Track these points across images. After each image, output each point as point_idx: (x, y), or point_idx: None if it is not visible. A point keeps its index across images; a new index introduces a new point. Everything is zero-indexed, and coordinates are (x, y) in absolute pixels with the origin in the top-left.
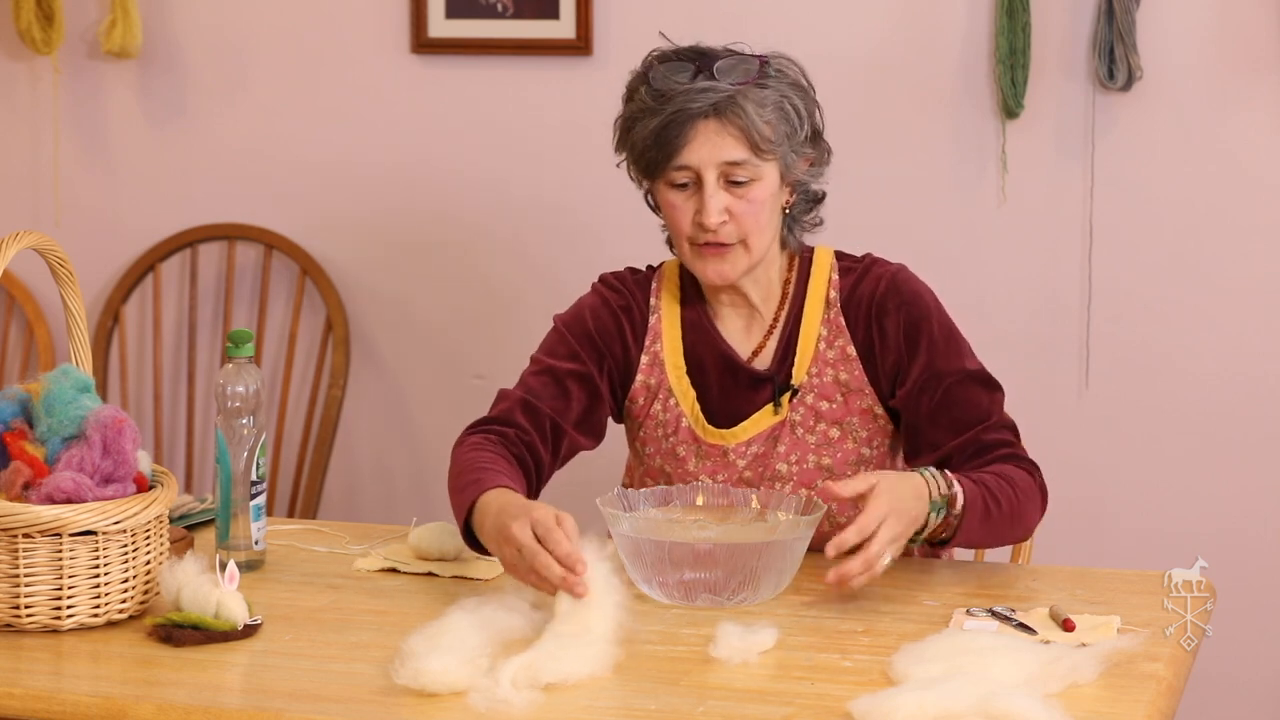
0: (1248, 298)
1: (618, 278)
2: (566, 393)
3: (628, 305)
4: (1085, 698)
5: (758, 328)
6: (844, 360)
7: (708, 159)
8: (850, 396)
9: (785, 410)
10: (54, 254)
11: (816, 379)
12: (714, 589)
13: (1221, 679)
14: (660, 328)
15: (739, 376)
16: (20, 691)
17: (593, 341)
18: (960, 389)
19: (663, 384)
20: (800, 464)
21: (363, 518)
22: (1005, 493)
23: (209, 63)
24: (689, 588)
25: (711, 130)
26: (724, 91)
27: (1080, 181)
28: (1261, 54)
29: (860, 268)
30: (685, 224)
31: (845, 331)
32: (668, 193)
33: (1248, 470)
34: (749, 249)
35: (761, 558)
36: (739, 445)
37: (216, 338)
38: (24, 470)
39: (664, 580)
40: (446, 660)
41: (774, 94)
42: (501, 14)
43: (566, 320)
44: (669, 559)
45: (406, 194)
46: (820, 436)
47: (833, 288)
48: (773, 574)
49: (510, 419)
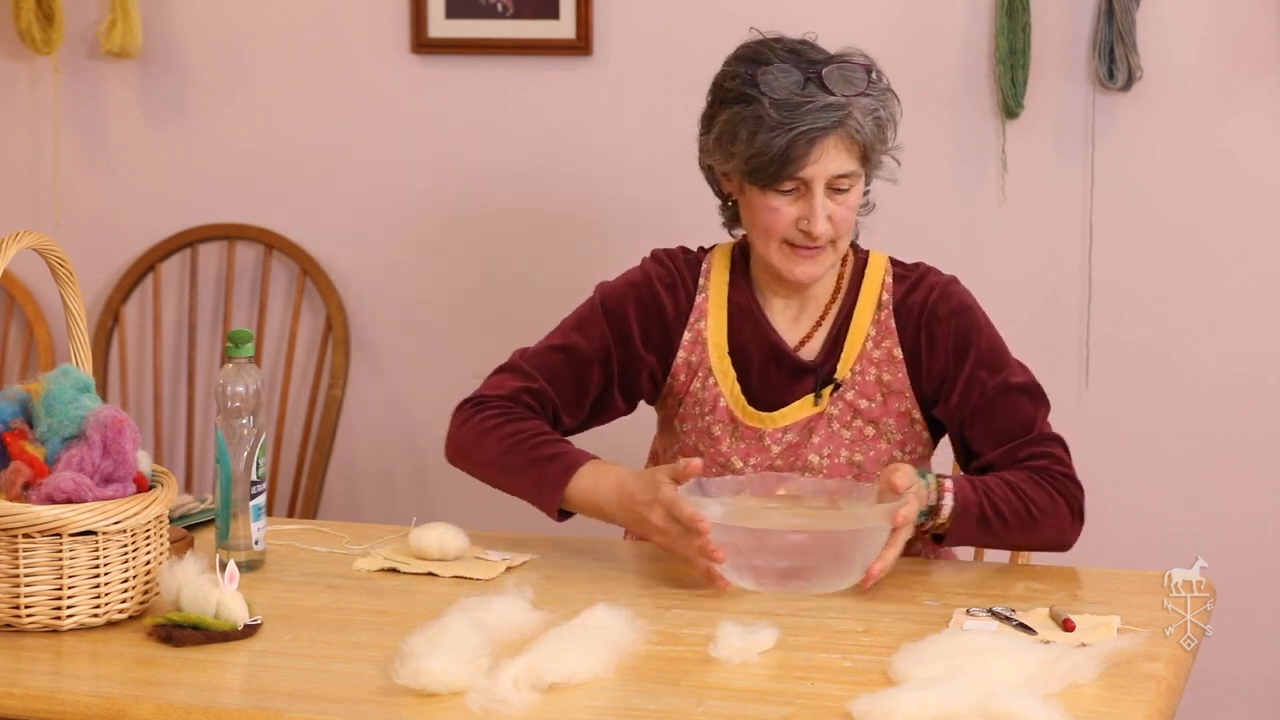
0: (1248, 298)
1: (669, 254)
2: (583, 378)
3: (674, 282)
4: (1085, 698)
5: (807, 319)
6: (889, 361)
7: (824, 173)
8: (890, 398)
9: (825, 402)
10: (54, 254)
11: (859, 376)
12: (806, 576)
13: (1221, 679)
14: (706, 308)
15: (783, 364)
16: (20, 691)
17: (624, 325)
18: (1004, 400)
19: (704, 362)
20: (832, 457)
21: (363, 518)
22: (1012, 504)
23: (209, 63)
24: (782, 575)
25: (832, 146)
26: (844, 107)
27: (1080, 181)
28: (1261, 54)
29: (914, 275)
30: (783, 226)
31: (894, 334)
32: (770, 197)
33: (1248, 470)
34: (837, 249)
35: (853, 545)
36: (775, 430)
37: (216, 338)
38: (24, 470)
39: (756, 567)
40: (446, 660)
41: (874, 102)
42: (501, 14)
43: (606, 296)
44: (763, 547)
45: (406, 194)
46: (855, 433)
47: (885, 290)
48: (860, 561)
49: (519, 399)
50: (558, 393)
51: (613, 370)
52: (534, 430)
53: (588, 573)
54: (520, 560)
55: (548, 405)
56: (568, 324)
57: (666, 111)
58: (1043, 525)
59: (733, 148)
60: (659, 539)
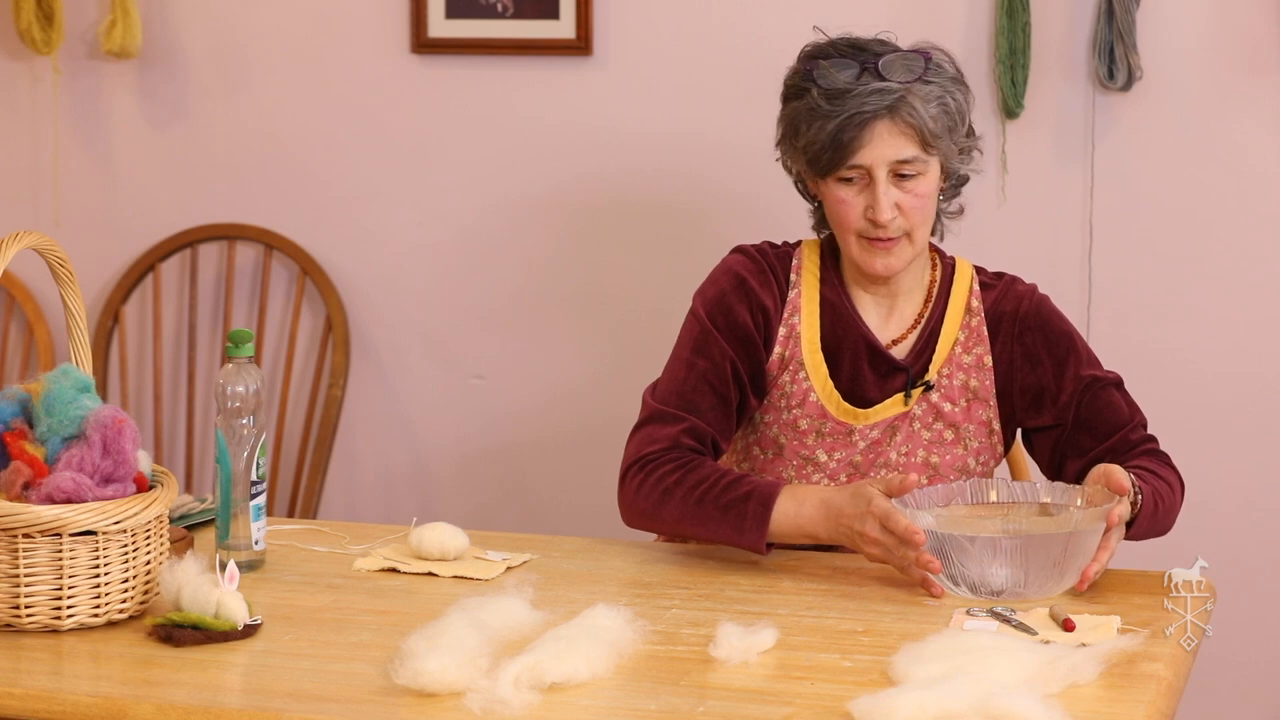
0: (1248, 297)
1: (758, 249)
2: (726, 398)
3: (767, 278)
4: (1085, 698)
5: (898, 319)
6: (978, 368)
7: (880, 158)
8: (974, 404)
9: (913, 403)
10: (54, 254)
11: (947, 379)
12: (1021, 582)
13: (1221, 679)
14: (800, 302)
15: (876, 362)
16: (20, 691)
17: (742, 330)
18: (1105, 396)
19: (795, 357)
20: (910, 456)
21: (363, 518)
22: (1160, 490)
23: (209, 63)
24: (997, 582)
25: (884, 130)
26: (896, 91)
27: (1080, 181)
28: (1261, 54)
29: (1002, 284)
30: (854, 218)
31: (985, 341)
32: (836, 189)
33: (1248, 470)
34: (913, 241)
35: (1067, 549)
36: (864, 427)
37: (216, 338)
38: (24, 470)
39: (970, 575)
40: (445, 660)
41: (937, 89)
42: (501, 14)
43: (709, 307)
44: (978, 555)
45: (406, 194)
46: (935, 435)
47: (975, 297)
48: (1074, 565)
49: (680, 444)
50: (708, 422)
51: (743, 378)
52: (714, 476)
53: (588, 573)
54: (520, 560)
55: (705, 438)
56: (685, 350)
57: (666, 111)
58: (1178, 502)
59: (795, 142)
60: (873, 550)
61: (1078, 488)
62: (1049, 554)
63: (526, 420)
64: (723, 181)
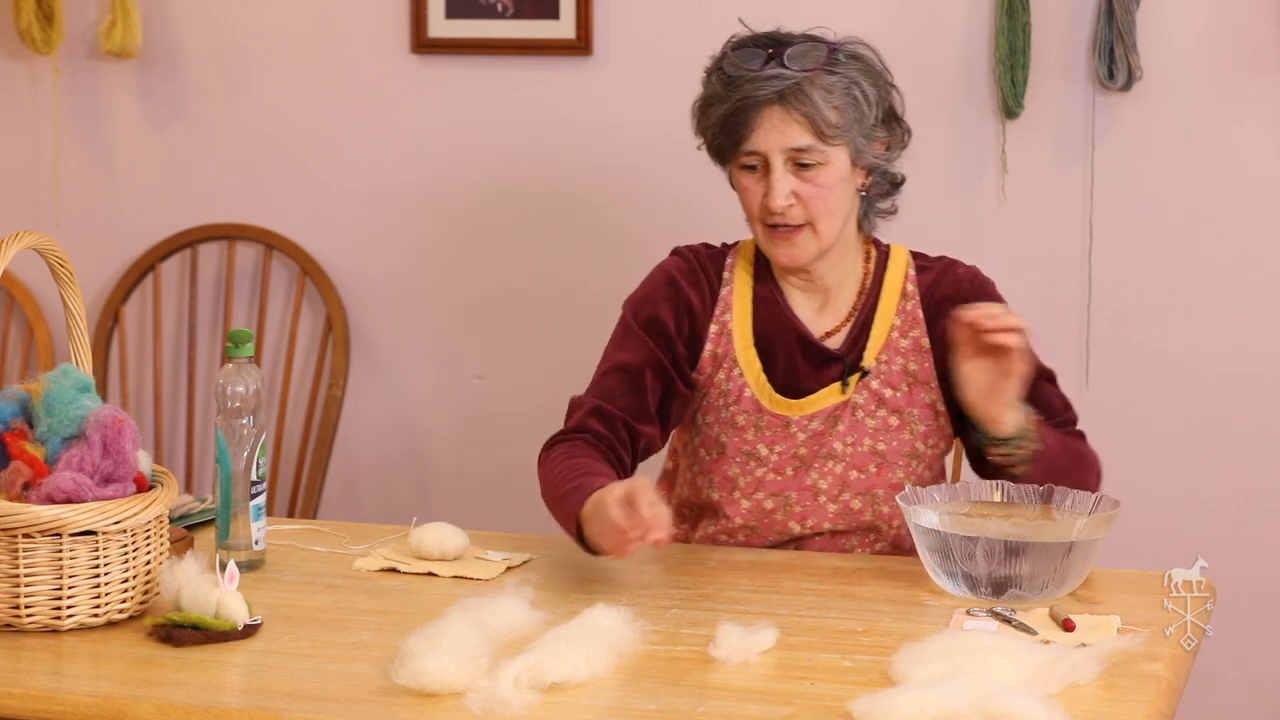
0: (1248, 297)
1: (691, 250)
2: (640, 387)
3: (697, 277)
4: (1085, 698)
5: (831, 312)
6: (916, 351)
7: (773, 145)
8: (916, 388)
9: (851, 390)
10: (54, 254)
11: (885, 365)
12: (1018, 584)
13: (1221, 679)
14: (731, 299)
15: (809, 353)
16: (20, 691)
17: (660, 326)
18: (1039, 386)
19: (729, 354)
20: (856, 446)
21: (363, 518)
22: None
23: (209, 63)
24: (999, 583)
25: (776, 117)
26: (790, 79)
27: (1080, 181)
28: (1261, 54)
29: (939, 265)
30: (755, 205)
31: (922, 324)
32: (740, 175)
33: (1248, 470)
34: (817, 233)
35: (1070, 554)
36: (802, 418)
37: (216, 338)
38: (24, 470)
39: (969, 574)
40: (445, 660)
41: (842, 79)
42: (501, 14)
43: (634, 307)
44: (978, 554)
45: (406, 194)
46: (880, 422)
47: (910, 281)
48: (1076, 569)
49: (586, 426)
50: (619, 406)
51: (669, 373)
52: (576, 467)
53: (588, 573)
54: (520, 560)
55: (614, 420)
56: (609, 348)
57: (666, 111)
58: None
59: (701, 126)
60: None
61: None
62: (1051, 555)
63: (526, 420)
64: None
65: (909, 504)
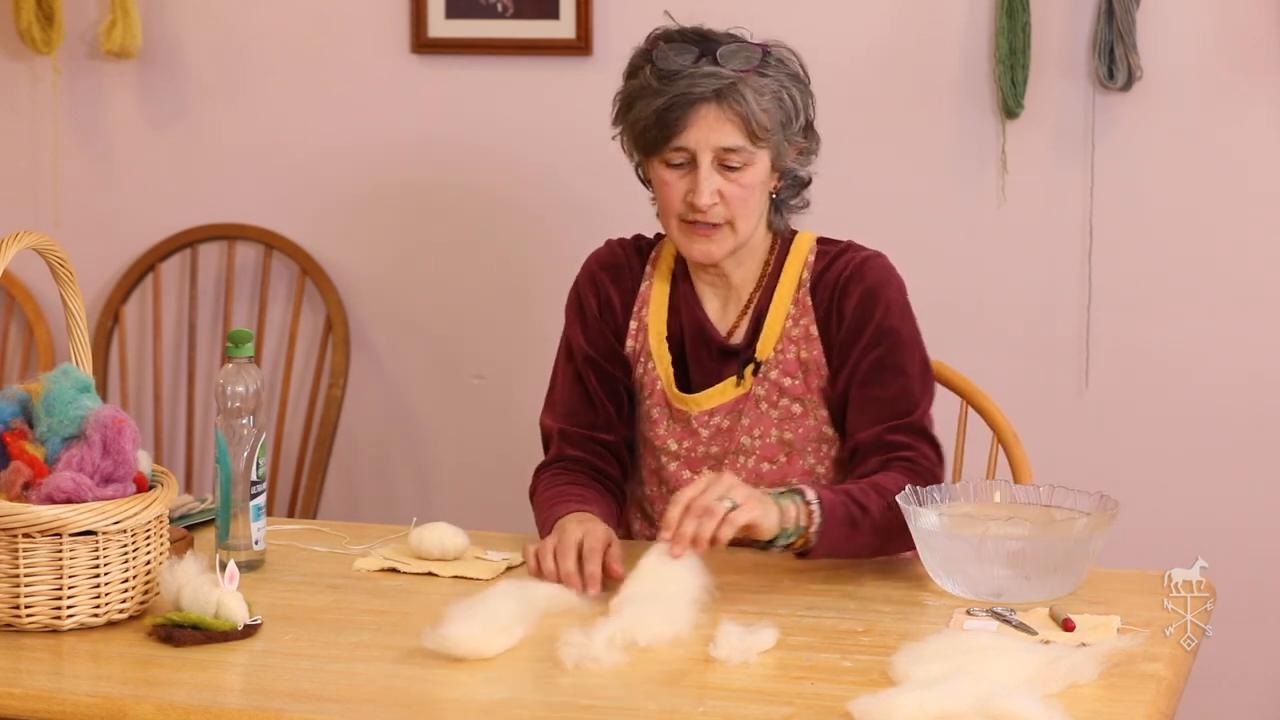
0: (1247, 297)
1: (620, 242)
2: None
3: (620, 272)
4: (1085, 698)
5: (734, 305)
6: (806, 339)
7: (705, 142)
8: (809, 375)
9: (749, 383)
10: (54, 254)
11: (781, 355)
12: (1022, 585)
13: (1221, 679)
14: (649, 294)
15: (711, 348)
16: (20, 691)
17: (590, 320)
18: (888, 383)
19: (645, 347)
20: (763, 438)
21: (363, 518)
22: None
23: (209, 63)
24: (999, 583)
25: (712, 115)
26: (727, 78)
27: (1080, 181)
28: (1261, 54)
29: (835, 250)
30: (676, 201)
31: (810, 311)
32: (662, 170)
33: (1248, 470)
34: (735, 231)
35: (1070, 553)
36: (702, 414)
37: (216, 338)
38: (24, 470)
39: (971, 576)
40: (473, 626)
41: (773, 83)
42: (501, 14)
43: (568, 305)
44: (980, 555)
45: (407, 194)
46: (783, 411)
47: (807, 269)
48: (1076, 569)
49: (563, 455)
50: (581, 424)
51: (601, 366)
52: (553, 496)
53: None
54: (520, 560)
55: (582, 440)
56: (558, 358)
57: None
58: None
59: (626, 118)
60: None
61: (1081, 491)
62: (1051, 555)
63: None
64: None
65: (909, 504)
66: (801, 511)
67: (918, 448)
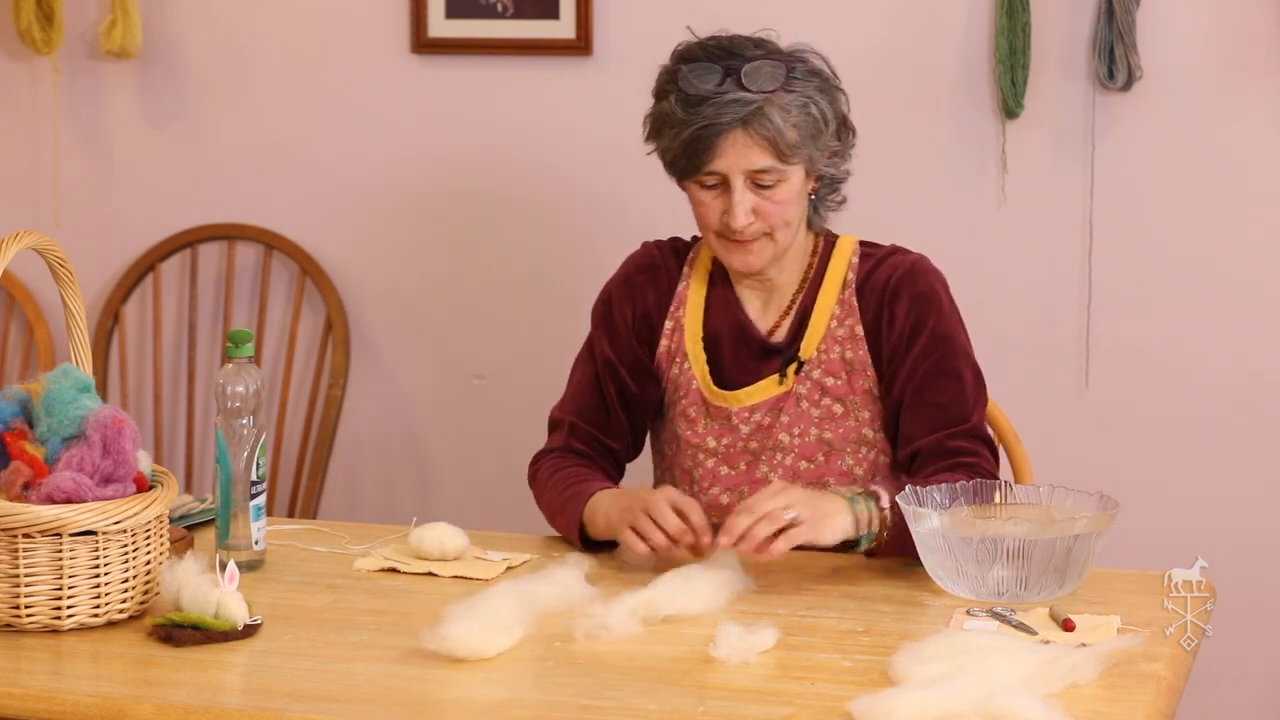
0: (1248, 297)
1: (658, 244)
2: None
3: (656, 271)
4: (1085, 698)
5: (776, 305)
6: (852, 339)
7: (734, 167)
8: (854, 375)
9: (790, 382)
10: (54, 254)
11: (825, 354)
12: (1023, 585)
13: (1221, 679)
14: (686, 295)
15: (752, 346)
16: (20, 691)
17: (617, 326)
18: (946, 389)
19: (680, 347)
20: (803, 436)
21: (363, 518)
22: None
23: (209, 63)
24: (999, 584)
25: (739, 141)
26: (752, 103)
27: (1080, 181)
28: (1261, 54)
29: (880, 254)
30: (713, 220)
31: (856, 312)
32: (697, 191)
33: (1248, 470)
34: (775, 240)
35: (1070, 553)
36: (742, 410)
37: (216, 338)
38: (24, 470)
39: (971, 576)
40: (473, 626)
41: (799, 98)
42: (501, 14)
43: (595, 309)
44: (980, 555)
45: (406, 194)
46: (824, 411)
47: (851, 270)
48: (1076, 569)
49: (569, 446)
50: (590, 422)
51: (621, 376)
52: (571, 475)
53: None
54: (520, 560)
55: (590, 437)
56: (581, 354)
57: None
58: None
59: (657, 143)
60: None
61: (1081, 491)
62: (1051, 555)
63: (526, 420)
64: None
65: (909, 504)
66: (875, 517)
67: (980, 453)
